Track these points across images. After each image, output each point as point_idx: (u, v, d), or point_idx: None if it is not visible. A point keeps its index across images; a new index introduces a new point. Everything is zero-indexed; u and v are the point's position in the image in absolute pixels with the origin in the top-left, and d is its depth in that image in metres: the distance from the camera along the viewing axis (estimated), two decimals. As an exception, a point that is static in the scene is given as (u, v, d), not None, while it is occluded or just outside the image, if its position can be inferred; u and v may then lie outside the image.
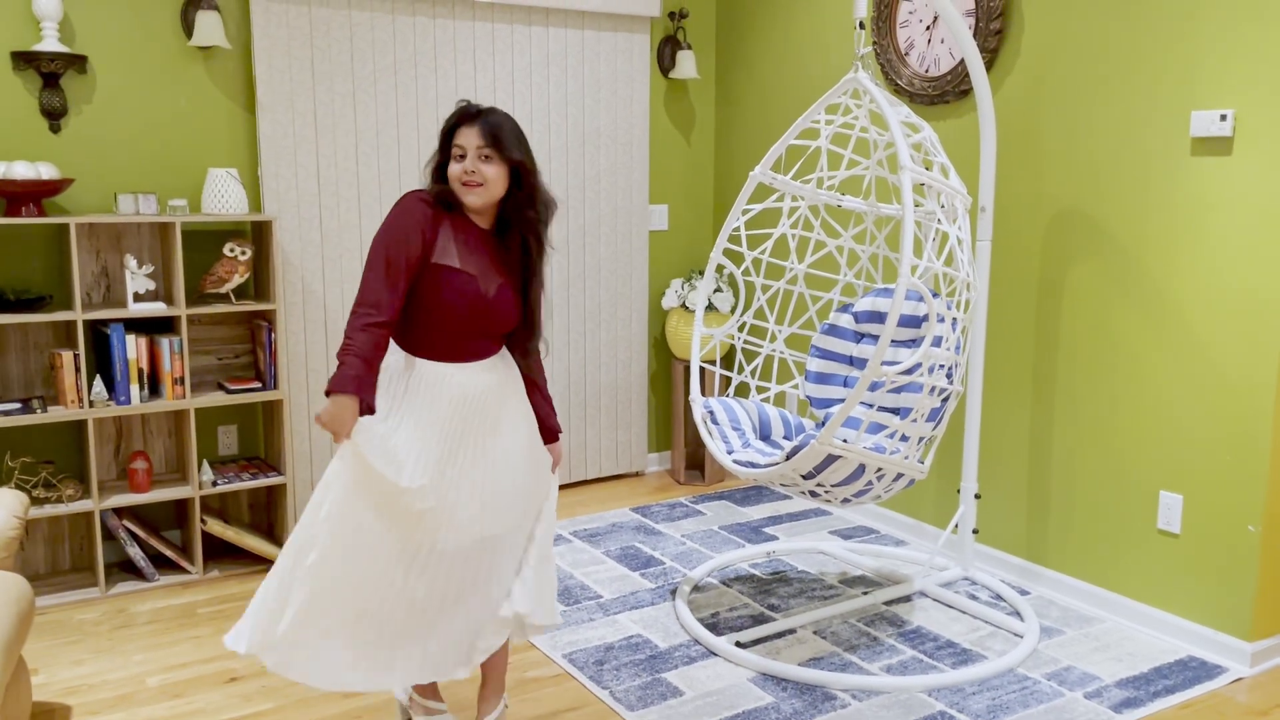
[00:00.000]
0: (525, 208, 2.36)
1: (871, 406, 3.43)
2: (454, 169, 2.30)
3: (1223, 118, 3.00)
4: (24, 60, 3.48)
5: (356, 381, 2.17)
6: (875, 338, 3.61)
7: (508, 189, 2.34)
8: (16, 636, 2.38)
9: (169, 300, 3.72)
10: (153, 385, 3.67)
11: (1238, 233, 3.01)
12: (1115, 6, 3.27)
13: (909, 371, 3.01)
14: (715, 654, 3.15)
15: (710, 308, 4.63)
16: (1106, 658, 3.14)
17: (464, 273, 2.30)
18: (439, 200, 2.33)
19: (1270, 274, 2.95)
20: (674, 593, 3.60)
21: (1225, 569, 3.12)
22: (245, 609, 2.33)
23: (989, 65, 3.63)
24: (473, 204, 2.32)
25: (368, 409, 2.19)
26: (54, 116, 3.59)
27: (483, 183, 2.29)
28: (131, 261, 3.57)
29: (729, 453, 3.35)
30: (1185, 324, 3.16)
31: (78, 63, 3.57)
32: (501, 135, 2.30)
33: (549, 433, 2.57)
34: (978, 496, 3.66)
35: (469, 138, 2.29)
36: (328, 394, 2.17)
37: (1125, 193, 3.29)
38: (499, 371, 2.42)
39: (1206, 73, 3.05)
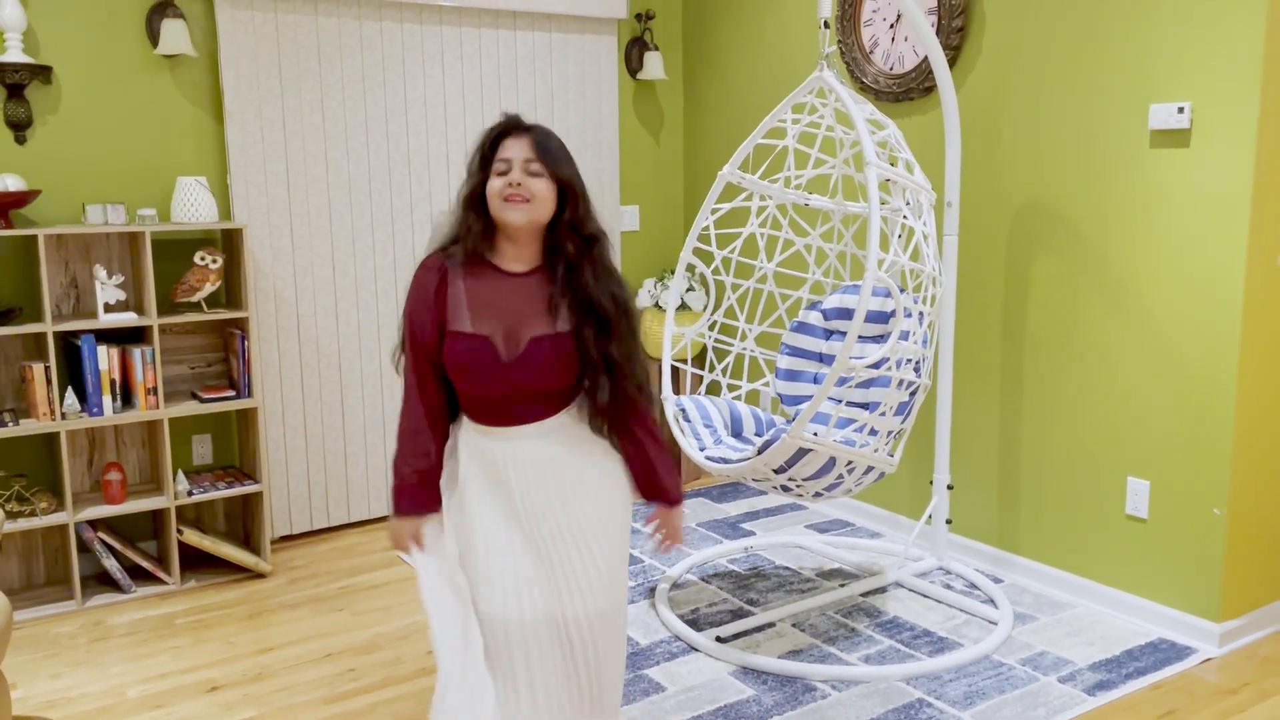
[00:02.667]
0: (571, 236, 2.04)
1: (840, 401, 3.47)
2: (495, 184, 2.00)
3: (1180, 110, 3.06)
4: (-12, 72, 3.46)
5: (398, 496, 2.08)
6: (844, 334, 3.66)
7: (554, 214, 2.04)
8: (-5, 650, 2.37)
9: (140, 310, 3.70)
10: (125, 396, 3.65)
11: (1196, 223, 3.08)
12: (1074, 3, 3.33)
13: (876, 366, 3.05)
14: (696, 649, 3.17)
15: (683, 307, 4.66)
16: (1079, 642, 3.20)
17: (475, 335, 2.00)
18: (461, 250, 2.05)
19: (1228, 262, 3.01)
20: (653, 590, 3.62)
21: (1193, 552, 3.19)
22: None
23: (952, 62, 3.68)
24: (516, 221, 1.99)
25: (430, 511, 2.09)
26: (19, 128, 3.57)
27: (529, 199, 1.99)
28: (101, 272, 3.55)
29: (701, 450, 3.38)
30: (1147, 313, 3.22)
31: (42, 73, 3.55)
32: (551, 147, 2.04)
33: (653, 490, 2.15)
34: (950, 487, 3.71)
35: (515, 149, 2.02)
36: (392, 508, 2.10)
37: (1087, 185, 3.35)
38: (559, 436, 2.07)
39: (1164, 66, 3.11)
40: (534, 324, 2.01)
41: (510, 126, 2.06)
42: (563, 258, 2.03)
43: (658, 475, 2.13)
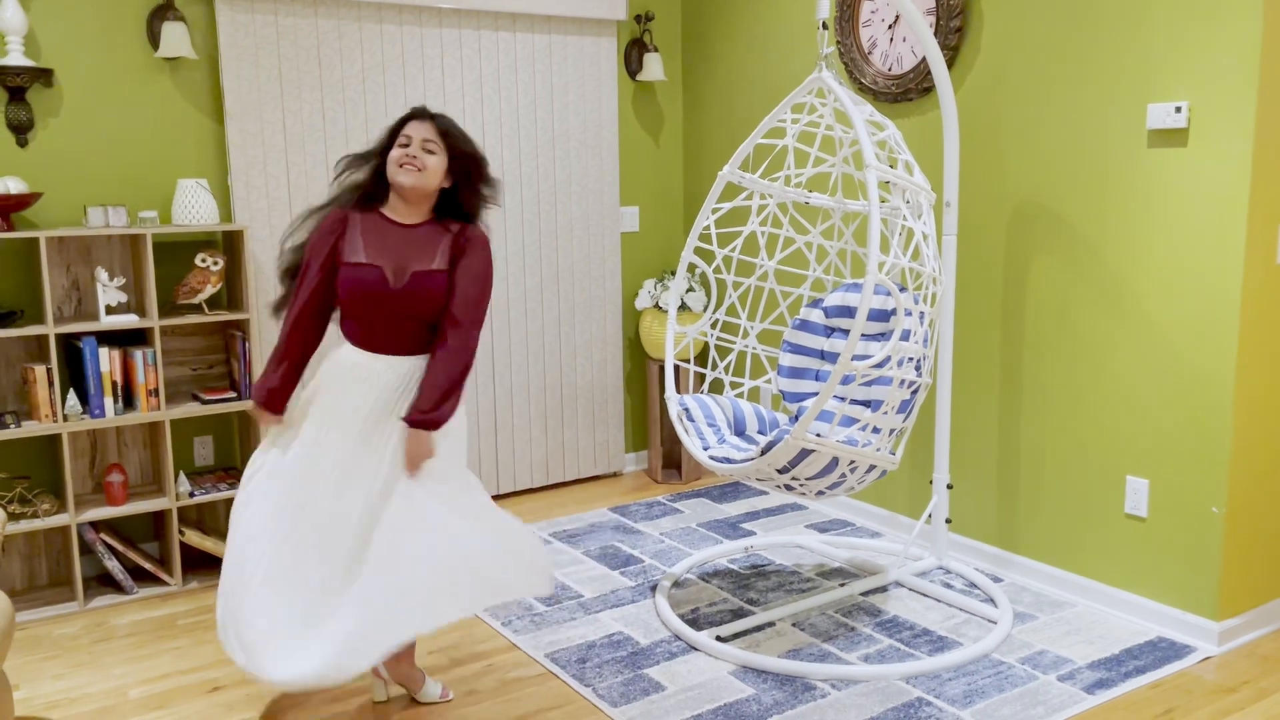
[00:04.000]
0: (475, 192, 2.65)
1: (844, 400, 3.49)
2: (395, 153, 2.56)
3: (1178, 110, 3.07)
4: (-11, 75, 3.47)
5: (255, 391, 2.69)
6: (845, 332, 3.66)
7: (454, 182, 2.62)
8: (-2, 651, 2.38)
9: (141, 312, 3.71)
10: (127, 397, 3.66)
11: (1194, 222, 3.08)
12: (1071, 3, 3.34)
13: (879, 365, 3.06)
14: (696, 649, 3.18)
15: (683, 307, 4.67)
16: (1078, 641, 3.20)
17: (369, 265, 2.56)
18: (359, 198, 2.64)
19: (1226, 261, 3.02)
20: (654, 590, 3.63)
21: (1192, 551, 3.19)
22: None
23: (950, 63, 3.69)
24: (404, 183, 2.55)
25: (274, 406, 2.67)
26: (21, 130, 3.58)
27: (421, 169, 2.55)
28: (103, 274, 3.56)
29: (705, 449, 3.39)
30: (1146, 312, 3.23)
31: (43, 76, 3.56)
32: (452, 130, 2.59)
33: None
34: (950, 487, 3.71)
35: (418, 130, 2.57)
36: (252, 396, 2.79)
37: (1085, 185, 3.36)
38: (408, 369, 2.63)
39: (1161, 66, 3.12)
40: (417, 261, 2.58)
41: (416, 113, 2.60)
42: (465, 212, 2.66)
43: (421, 393, 2.57)
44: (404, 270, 2.56)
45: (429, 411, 2.54)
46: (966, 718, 2.77)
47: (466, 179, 2.63)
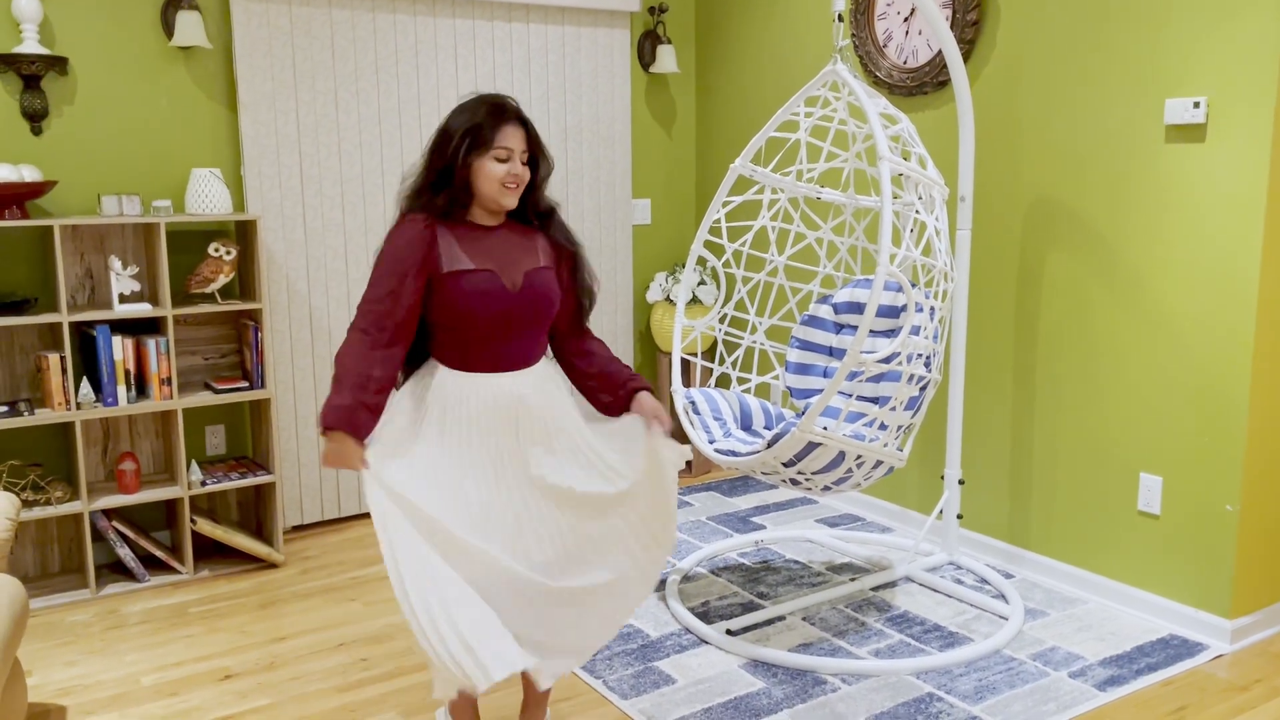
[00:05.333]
0: (541, 196, 2.40)
1: (851, 395, 3.48)
2: (498, 170, 2.25)
3: (1196, 105, 3.05)
4: (4, 63, 3.48)
5: (336, 413, 2.14)
6: (854, 328, 3.65)
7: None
8: (12, 637, 2.39)
9: (154, 301, 3.72)
10: (140, 386, 3.67)
11: (1211, 218, 3.07)
12: (1089, -3, 3.32)
13: (887, 360, 3.05)
14: (706, 642, 3.18)
15: (694, 300, 4.66)
16: (1090, 637, 3.20)
17: (480, 270, 2.26)
18: (438, 209, 2.28)
19: (1243, 258, 3.00)
20: (664, 583, 3.63)
21: (1205, 548, 3.18)
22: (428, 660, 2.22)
23: (966, 56, 3.67)
24: (510, 206, 2.30)
25: (364, 433, 2.18)
26: (35, 119, 3.59)
27: (521, 186, 2.30)
28: (116, 263, 3.57)
29: (710, 443, 3.38)
30: (1162, 309, 3.21)
31: (58, 64, 3.57)
32: (539, 138, 2.33)
33: (622, 387, 2.44)
34: (961, 482, 3.70)
35: (516, 140, 2.27)
36: (321, 426, 2.16)
37: (1101, 180, 3.34)
38: (539, 376, 2.37)
39: (1180, 61, 3.10)
40: (525, 260, 2.33)
41: (506, 112, 2.28)
42: (535, 215, 2.39)
43: (621, 371, 2.45)
44: (517, 271, 2.31)
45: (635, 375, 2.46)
46: (977, 713, 2.76)
47: (534, 182, 2.39)
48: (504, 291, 2.27)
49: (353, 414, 2.15)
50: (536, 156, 2.34)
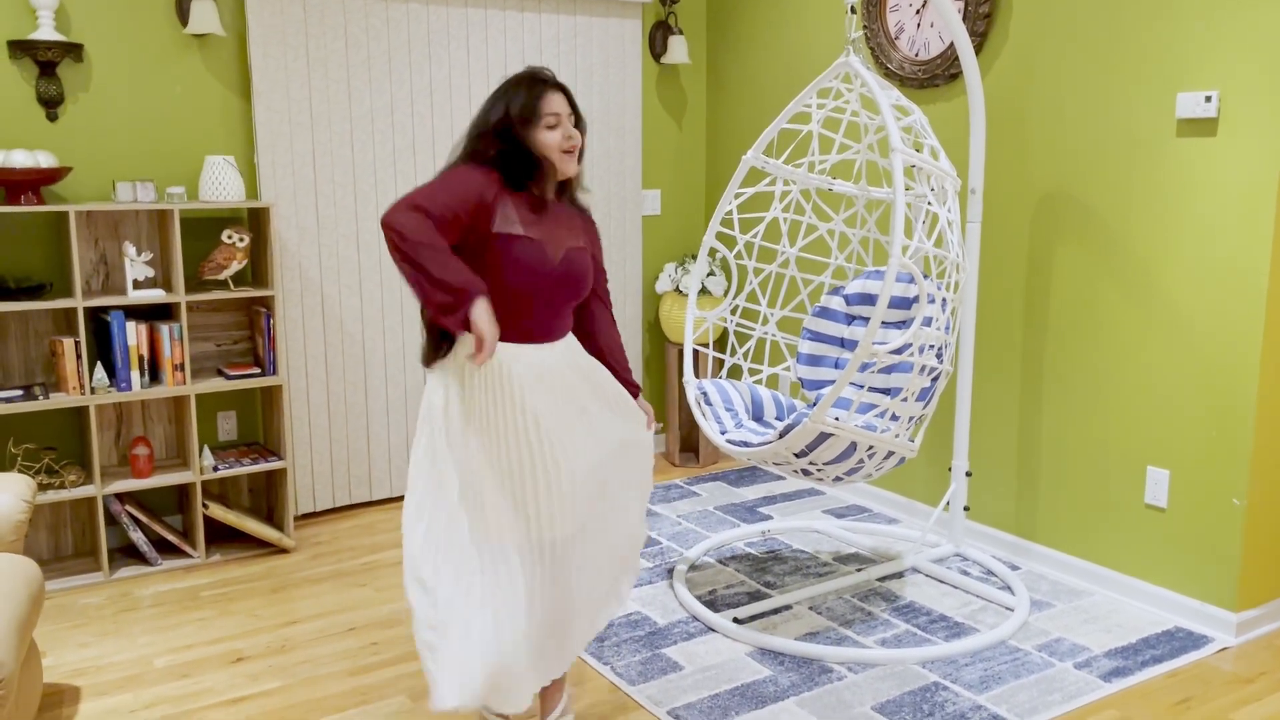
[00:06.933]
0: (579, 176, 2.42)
1: (862, 387, 3.49)
2: (553, 137, 2.26)
3: (1207, 99, 3.05)
4: (20, 49, 3.50)
5: (476, 283, 2.13)
6: (866, 320, 3.66)
7: None
8: (29, 617, 2.42)
9: (168, 287, 3.75)
10: (153, 371, 3.70)
11: (1222, 212, 3.07)
12: (1102, -10, 3.32)
13: (899, 351, 3.06)
14: (713, 630, 3.20)
15: (704, 291, 4.67)
16: (1095, 629, 3.21)
17: (530, 239, 2.25)
18: (513, 178, 2.28)
19: (1253, 252, 3.01)
20: (671, 572, 3.65)
21: (1211, 542, 3.19)
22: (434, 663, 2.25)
23: (978, 48, 3.68)
24: (573, 172, 2.33)
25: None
26: (51, 105, 3.61)
27: (578, 148, 2.31)
28: (130, 249, 3.59)
29: (722, 433, 3.40)
30: (1171, 302, 3.22)
31: (74, 51, 3.59)
32: (577, 103, 2.34)
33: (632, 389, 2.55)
34: (969, 474, 3.72)
35: (559, 104, 2.27)
36: (465, 304, 2.10)
37: (1112, 174, 3.34)
38: (569, 348, 2.41)
39: (1191, 55, 3.10)
40: (567, 238, 2.34)
41: (547, 80, 2.30)
42: (570, 195, 2.41)
43: (627, 369, 2.52)
44: (560, 246, 2.31)
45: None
46: (983, 703, 2.78)
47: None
48: (546, 262, 2.27)
49: (480, 283, 2.14)
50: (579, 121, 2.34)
